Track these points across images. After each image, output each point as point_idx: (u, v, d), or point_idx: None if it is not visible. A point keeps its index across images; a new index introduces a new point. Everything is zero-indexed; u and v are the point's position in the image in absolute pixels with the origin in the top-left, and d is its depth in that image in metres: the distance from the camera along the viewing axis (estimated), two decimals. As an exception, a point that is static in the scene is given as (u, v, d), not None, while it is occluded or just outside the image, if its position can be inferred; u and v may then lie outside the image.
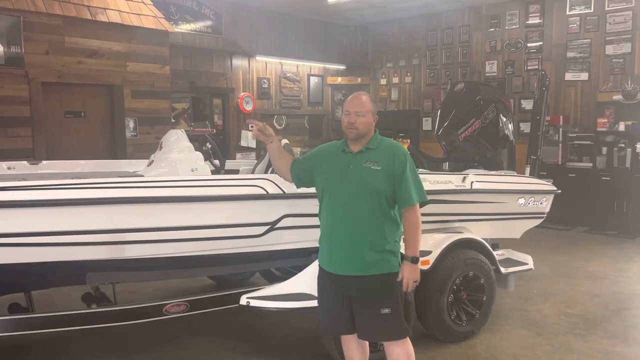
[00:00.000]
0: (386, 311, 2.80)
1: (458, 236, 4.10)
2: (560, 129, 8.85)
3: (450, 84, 6.08)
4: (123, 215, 3.14)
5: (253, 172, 4.60)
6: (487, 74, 9.89)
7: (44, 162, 4.46)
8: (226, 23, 9.41)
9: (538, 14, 9.26)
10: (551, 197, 4.99)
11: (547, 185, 5.01)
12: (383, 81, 11.47)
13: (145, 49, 7.32)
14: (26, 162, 4.38)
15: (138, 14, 7.26)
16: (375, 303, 2.80)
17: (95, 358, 3.94)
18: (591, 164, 8.50)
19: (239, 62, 9.78)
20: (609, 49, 8.51)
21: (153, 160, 4.08)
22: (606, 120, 8.34)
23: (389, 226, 2.84)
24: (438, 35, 10.54)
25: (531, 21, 9.35)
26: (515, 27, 9.54)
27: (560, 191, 5.08)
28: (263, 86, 10.19)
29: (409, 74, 11.04)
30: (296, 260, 3.91)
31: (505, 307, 4.86)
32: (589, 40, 8.71)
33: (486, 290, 4.17)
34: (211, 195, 3.36)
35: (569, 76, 8.94)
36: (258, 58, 9.97)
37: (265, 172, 4.22)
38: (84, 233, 3.07)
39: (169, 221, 3.26)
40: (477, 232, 4.34)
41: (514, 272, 4.57)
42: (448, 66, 10.45)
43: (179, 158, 3.89)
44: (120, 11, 7.06)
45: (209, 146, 4.73)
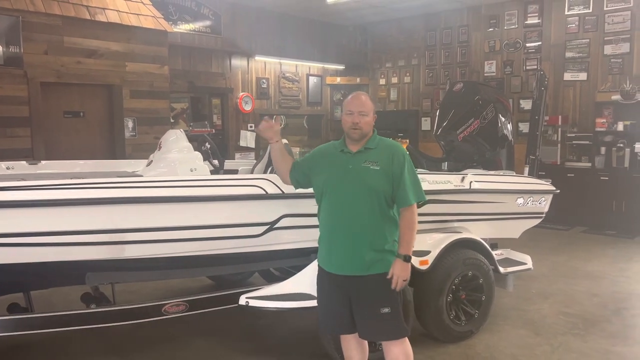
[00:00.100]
0: (386, 310, 2.80)
1: (457, 236, 4.10)
2: (559, 129, 8.85)
3: (449, 84, 6.07)
4: (122, 215, 3.14)
5: (252, 172, 4.60)
6: (486, 74, 9.90)
7: (43, 162, 4.46)
8: (225, 23, 9.41)
9: (537, 14, 9.27)
10: (550, 197, 4.99)
11: (546, 185, 5.01)
12: (382, 81, 11.48)
13: (144, 49, 7.32)
14: (25, 162, 4.38)
15: (137, 14, 7.25)
16: (375, 302, 2.81)
17: (94, 358, 3.94)
18: (590, 164, 8.50)
19: (238, 62, 9.78)
20: (608, 49, 8.52)
21: (152, 160, 4.08)
22: (605, 120, 8.35)
23: (388, 226, 2.84)
24: (437, 35, 10.55)
25: (530, 21, 9.35)
26: (514, 27, 9.54)
27: (559, 191, 5.08)
28: (262, 86, 10.19)
29: (408, 74, 11.04)
30: (295, 260, 3.91)
31: (504, 307, 4.87)
32: (588, 40, 8.72)
33: (485, 290, 4.18)
34: (210, 195, 3.36)
35: (568, 76, 8.95)
36: (257, 58, 9.97)
37: (264, 172, 4.23)
38: (83, 233, 3.08)
39: (168, 221, 3.26)
40: (476, 232, 4.35)
41: (513, 272, 4.58)
42: (447, 66, 10.46)
43: (178, 158, 3.89)
44: (119, 11, 7.06)
45: (208, 146, 4.73)
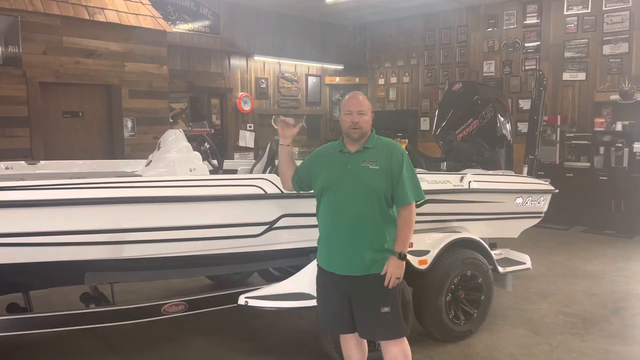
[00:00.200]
0: (386, 310, 2.80)
1: (456, 236, 4.11)
2: (557, 129, 8.86)
3: (448, 84, 6.07)
4: (121, 215, 3.14)
5: (251, 172, 4.60)
6: (485, 74, 9.91)
7: (42, 162, 4.45)
8: (224, 23, 9.41)
9: (535, 14, 9.27)
10: (549, 197, 4.99)
11: (545, 184, 5.01)
12: (381, 81, 11.48)
13: (143, 49, 7.32)
14: (24, 162, 4.37)
15: (136, 14, 7.25)
16: (374, 302, 2.81)
17: (93, 358, 3.94)
18: (589, 164, 8.51)
19: (237, 62, 9.78)
20: (606, 49, 8.53)
21: (151, 160, 4.08)
22: (603, 120, 8.36)
23: (388, 225, 2.84)
24: (436, 35, 10.55)
25: (529, 21, 9.36)
26: (512, 27, 9.55)
27: (557, 191, 5.08)
28: (261, 86, 10.19)
29: (407, 74, 11.05)
30: (294, 260, 3.91)
31: (503, 307, 4.87)
32: (587, 40, 8.72)
33: (484, 289, 4.18)
34: (209, 195, 3.36)
35: (567, 76, 8.96)
36: (256, 58, 9.97)
37: (263, 172, 4.23)
38: (82, 233, 3.07)
39: (168, 221, 3.26)
40: (475, 232, 4.35)
41: (512, 272, 4.58)
42: (446, 66, 10.46)
43: (177, 158, 3.90)
44: (118, 11, 7.06)
45: (207, 146, 4.73)
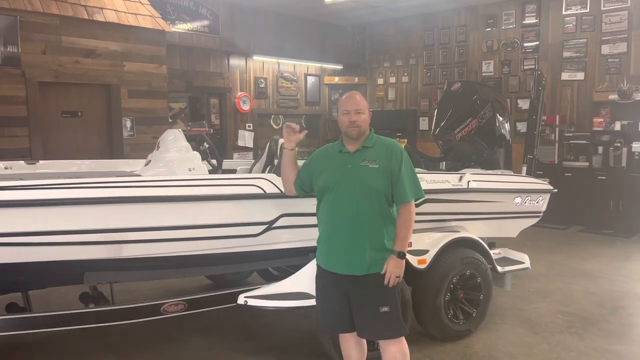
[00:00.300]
0: (385, 310, 2.81)
1: (455, 235, 4.12)
2: (556, 129, 8.87)
3: (447, 84, 6.08)
4: (121, 214, 3.14)
5: (250, 172, 4.60)
6: (484, 74, 9.91)
7: (41, 162, 4.45)
8: (223, 23, 9.40)
9: (534, 14, 9.28)
10: (547, 196, 5.00)
11: (544, 184, 5.02)
12: (380, 81, 11.49)
13: (142, 49, 7.32)
14: (23, 162, 4.37)
15: (135, 14, 7.25)
16: (374, 302, 2.81)
17: (93, 358, 3.94)
18: (587, 164, 8.51)
19: (236, 62, 9.78)
20: (605, 49, 8.54)
21: (150, 160, 4.09)
22: (602, 119, 8.37)
23: (388, 225, 2.84)
24: (435, 35, 10.56)
25: (527, 21, 9.37)
26: (511, 27, 9.56)
27: (556, 190, 5.09)
28: (260, 86, 10.19)
29: (406, 74, 11.05)
30: (293, 259, 3.91)
31: (501, 306, 4.88)
32: (585, 40, 8.73)
33: (483, 289, 4.19)
34: (209, 194, 3.37)
35: (565, 76, 8.97)
36: (255, 58, 9.97)
37: (262, 172, 4.23)
38: (82, 233, 3.08)
39: (167, 221, 3.27)
40: (474, 231, 4.36)
41: (511, 271, 4.59)
42: (445, 66, 10.47)
43: (177, 158, 3.90)
44: (117, 11, 7.05)
45: (207, 146, 4.73)
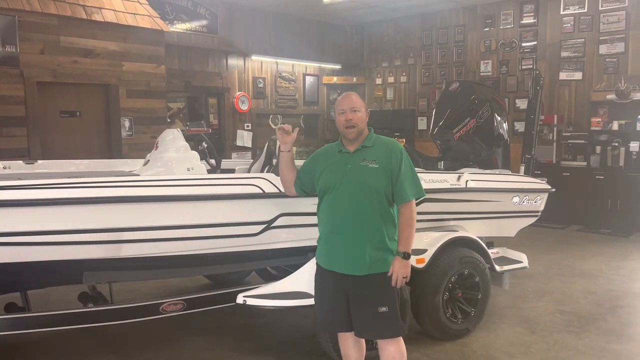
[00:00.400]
0: (384, 309, 2.81)
1: (453, 234, 4.12)
2: (554, 128, 8.88)
3: (445, 84, 6.10)
4: (119, 214, 3.14)
5: (249, 172, 4.61)
6: (482, 74, 9.92)
7: (40, 162, 4.45)
8: (221, 22, 9.40)
9: (532, 14, 9.30)
10: (545, 196, 5.01)
11: (542, 184, 5.03)
12: (378, 81, 11.49)
13: (140, 49, 7.32)
14: (22, 162, 4.37)
15: (133, 14, 7.25)
16: (373, 301, 2.82)
17: (92, 357, 3.94)
18: (585, 163, 8.53)
19: (235, 62, 9.78)
20: (603, 49, 8.56)
21: (149, 159, 4.09)
22: (600, 119, 8.39)
23: (389, 225, 2.85)
24: (433, 34, 10.57)
25: (525, 21, 9.38)
26: (509, 27, 9.57)
27: (554, 190, 5.10)
28: (258, 86, 10.19)
29: (404, 74, 11.06)
30: (292, 259, 3.92)
31: (500, 305, 4.89)
32: (583, 39, 8.75)
33: (481, 288, 4.20)
34: (207, 194, 3.37)
35: (563, 75, 8.98)
36: (253, 57, 9.97)
37: (261, 172, 4.24)
38: (81, 232, 3.08)
39: (166, 220, 3.27)
40: (472, 231, 4.37)
41: (509, 270, 4.59)
42: (443, 66, 10.48)
43: (175, 157, 3.91)
44: (115, 10, 7.05)
45: (205, 145, 4.74)
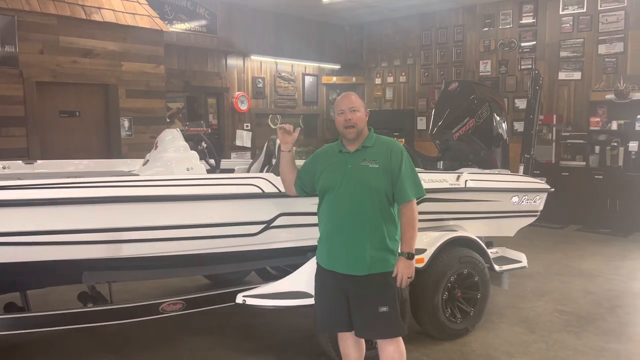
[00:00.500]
0: (384, 310, 2.81)
1: (452, 234, 4.12)
2: (553, 128, 8.89)
3: (444, 84, 6.10)
4: (119, 214, 3.14)
5: (248, 171, 4.61)
6: (481, 74, 9.93)
7: (39, 162, 4.45)
8: (221, 22, 9.40)
9: (531, 14, 9.30)
10: (544, 196, 5.02)
11: (541, 183, 5.03)
12: (378, 80, 11.50)
13: (139, 49, 7.32)
14: (21, 162, 4.37)
15: (133, 14, 7.25)
16: (373, 302, 2.82)
17: (91, 357, 3.94)
18: (584, 163, 8.54)
19: (234, 62, 9.78)
20: (602, 49, 8.56)
21: (148, 159, 4.09)
22: (599, 119, 8.39)
23: (389, 225, 2.85)
24: (432, 34, 10.58)
25: (525, 21, 9.39)
26: (508, 27, 9.58)
27: (553, 189, 5.11)
28: (258, 85, 10.19)
29: (404, 74, 11.07)
30: (292, 258, 3.92)
31: (499, 305, 4.90)
32: (582, 39, 8.75)
33: (480, 288, 4.20)
34: (207, 194, 3.37)
35: (562, 75, 8.99)
36: (253, 57, 9.97)
37: (260, 171, 4.24)
38: (80, 232, 3.08)
39: (165, 220, 3.27)
40: (471, 230, 4.37)
41: (508, 270, 4.60)
42: (442, 65, 10.49)
43: (175, 157, 3.91)
44: (114, 10, 7.05)
45: (204, 145, 4.74)
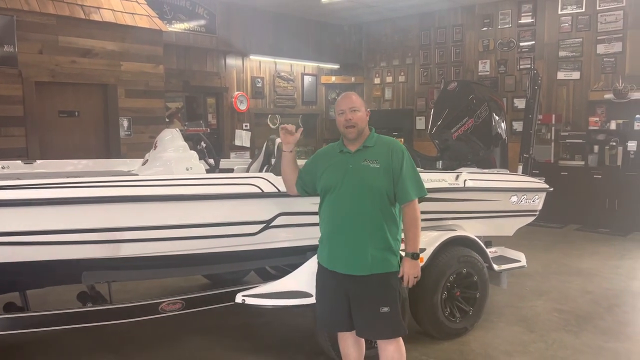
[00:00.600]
0: (385, 310, 2.81)
1: (451, 234, 4.13)
2: (552, 128, 8.91)
3: (443, 83, 6.10)
4: (118, 214, 3.15)
5: (248, 171, 4.62)
6: (480, 73, 9.94)
7: (38, 162, 4.45)
8: (220, 22, 9.40)
9: (530, 14, 9.31)
10: (543, 195, 5.02)
11: (540, 183, 5.04)
12: (377, 80, 11.50)
13: (139, 49, 7.31)
14: (20, 162, 4.37)
15: (132, 13, 7.25)
16: (374, 302, 2.82)
17: (91, 357, 3.94)
18: (583, 162, 8.55)
19: (233, 62, 9.78)
20: (600, 48, 8.57)
21: (148, 159, 4.10)
22: (598, 119, 8.41)
23: (390, 225, 2.85)
24: (431, 34, 10.58)
25: (523, 20, 9.40)
26: (507, 27, 9.59)
27: (552, 189, 5.11)
28: (257, 85, 10.19)
29: (403, 73, 11.07)
30: (291, 258, 3.93)
31: (498, 304, 4.90)
32: (581, 39, 8.76)
33: (479, 287, 4.21)
34: (206, 193, 3.37)
35: (561, 75, 9.00)
36: (252, 57, 9.97)
37: (259, 171, 4.25)
38: (79, 232, 3.08)
39: (165, 220, 3.27)
40: (470, 230, 4.38)
41: (507, 270, 4.60)
42: (441, 65, 10.49)
43: (174, 157, 3.91)
44: (114, 10, 7.05)
45: (204, 145, 4.74)
